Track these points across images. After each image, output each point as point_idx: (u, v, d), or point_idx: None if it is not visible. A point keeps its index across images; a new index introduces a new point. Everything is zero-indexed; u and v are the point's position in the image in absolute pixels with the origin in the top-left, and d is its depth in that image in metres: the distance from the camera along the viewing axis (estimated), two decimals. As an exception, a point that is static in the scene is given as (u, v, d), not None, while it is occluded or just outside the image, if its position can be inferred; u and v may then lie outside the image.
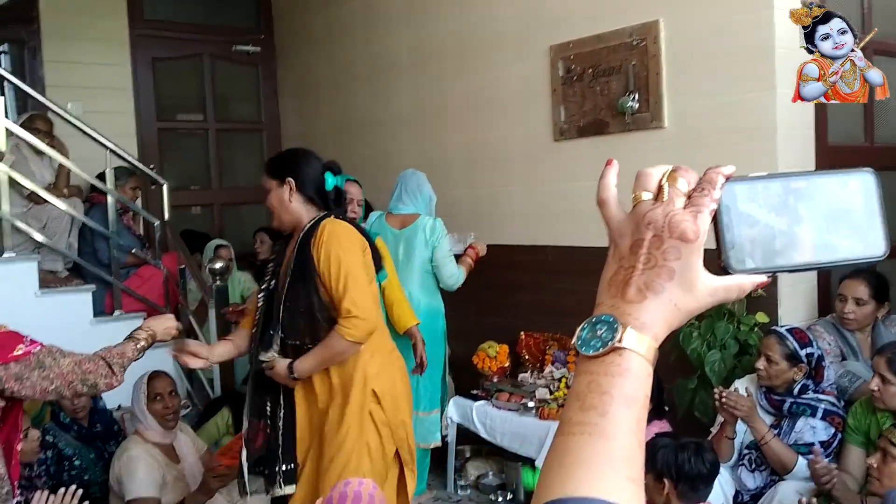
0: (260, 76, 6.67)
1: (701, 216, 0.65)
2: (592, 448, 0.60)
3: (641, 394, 0.63)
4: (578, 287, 4.19)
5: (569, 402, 0.64)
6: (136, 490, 2.97)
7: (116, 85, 5.89)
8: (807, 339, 3.05)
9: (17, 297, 4.23)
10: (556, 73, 4.22)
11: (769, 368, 3.04)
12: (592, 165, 4.11)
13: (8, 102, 4.89)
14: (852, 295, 3.34)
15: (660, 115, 3.76)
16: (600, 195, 0.72)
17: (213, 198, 6.55)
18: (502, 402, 4.00)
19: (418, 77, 5.15)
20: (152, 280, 4.89)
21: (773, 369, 3.03)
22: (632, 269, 0.66)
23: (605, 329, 0.64)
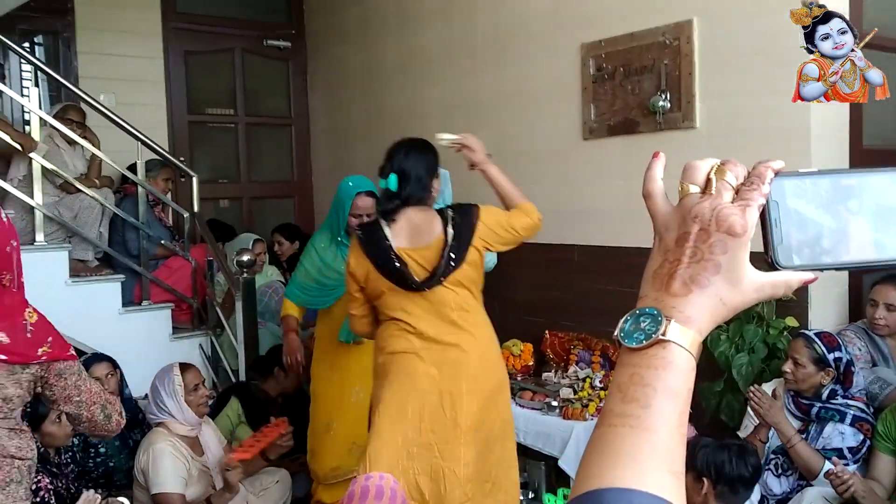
0: (290, 71, 6.71)
1: (749, 210, 0.65)
2: (634, 440, 0.60)
3: (685, 387, 0.62)
4: (605, 287, 4.17)
5: (610, 394, 0.64)
6: (161, 484, 2.99)
7: (149, 77, 5.95)
8: (835, 344, 3.01)
9: (47, 286, 4.28)
10: (587, 71, 4.19)
11: (796, 372, 3.01)
12: (622, 165, 4.08)
13: (42, 93, 4.96)
14: (884, 300, 3.29)
15: (691, 115, 3.73)
16: (646, 187, 0.72)
17: (242, 191, 6.59)
18: (526, 400, 3.99)
19: (449, 73, 5.15)
20: (181, 271, 4.93)
21: (800, 373, 3.00)
22: (677, 262, 0.65)
23: (649, 322, 0.64)
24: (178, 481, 3.04)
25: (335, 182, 4.01)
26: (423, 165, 2.82)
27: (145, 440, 3.16)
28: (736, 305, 0.65)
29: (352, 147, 6.21)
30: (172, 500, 2.99)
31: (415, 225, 2.78)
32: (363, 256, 2.77)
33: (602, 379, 3.97)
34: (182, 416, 3.17)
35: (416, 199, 2.79)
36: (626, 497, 0.56)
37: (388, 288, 2.76)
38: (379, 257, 2.74)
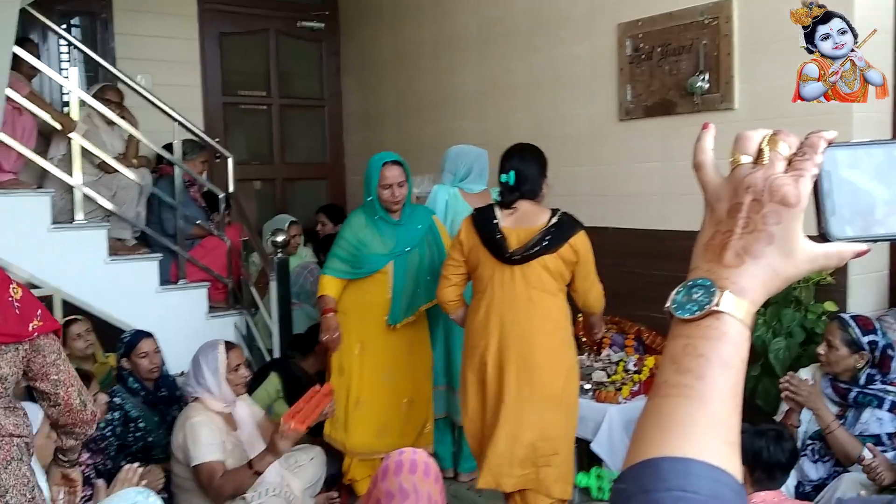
0: (324, 53, 6.72)
1: (802, 181, 0.64)
2: (688, 410, 0.59)
3: (739, 358, 0.62)
4: (639, 270, 4.14)
5: (663, 365, 0.64)
6: (201, 455, 3.02)
7: (184, 58, 6.00)
8: (871, 327, 2.97)
9: (87, 264, 4.36)
10: (624, 51, 4.15)
11: (829, 354, 3.00)
12: (658, 147, 4.04)
13: (79, 73, 5.02)
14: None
15: (730, 97, 3.68)
16: (697, 158, 0.71)
17: (275, 173, 6.63)
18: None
19: (484, 55, 5.12)
20: (216, 251, 4.98)
21: (833, 355, 2.98)
22: (729, 233, 0.65)
23: (702, 293, 0.63)
24: (218, 448, 3.05)
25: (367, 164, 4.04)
26: (535, 167, 3.23)
27: (181, 416, 3.20)
28: (789, 276, 0.64)
29: (384, 129, 6.22)
30: (213, 467, 3.01)
31: (524, 212, 3.15)
32: (473, 230, 3.19)
33: (636, 362, 3.95)
34: (219, 392, 3.20)
35: (530, 193, 3.18)
36: (683, 466, 0.56)
37: (486, 257, 3.14)
38: (486, 231, 3.14)
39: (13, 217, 4.14)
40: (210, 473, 2.99)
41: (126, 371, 3.55)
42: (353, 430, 3.71)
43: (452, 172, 4.11)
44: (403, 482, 1.89)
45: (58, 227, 4.32)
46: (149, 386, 3.59)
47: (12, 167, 4.28)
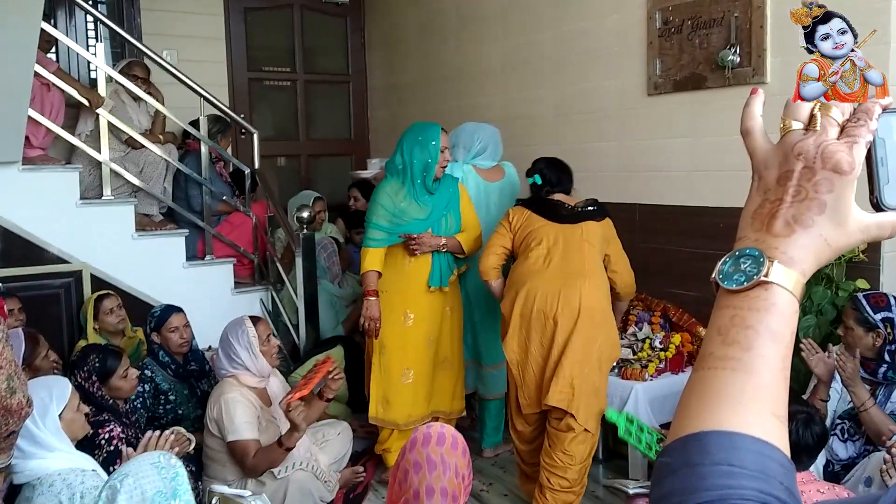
0: (348, 28, 6.69)
1: (857, 147, 0.62)
2: (736, 383, 0.58)
3: (788, 330, 0.60)
4: (666, 247, 4.11)
5: (709, 337, 0.62)
6: (237, 432, 3.07)
7: (209, 34, 6.00)
8: (883, 304, 2.94)
9: (115, 239, 4.40)
10: (653, 24, 4.08)
11: (847, 335, 2.99)
12: (688, 122, 3.98)
13: (106, 49, 5.03)
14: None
15: (762, 70, 3.61)
16: (745, 124, 0.69)
17: (300, 149, 6.64)
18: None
19: (509, 28, 5.07)
20: (242, 227, 5.00)
21: (851, 336, 2.98)
22: (779, 201, 0.63)
23: (750, 263, 0.61)
24: (252, 427, 3.11)
25: (392, 140, 4.01)
26: (560, 172, 3.58)
27: (216, 390, 3.23)
28: (841, 246, 0.62)
29: (408, 104, 6.19)
30: (248, 445, 3.07)
31: (562, 198, 3.51)
32: (523, 207, 3.51)
33: (662, 340, 3.92)
34: (255, 366, 3.24)
35: (560, 187, 3.54)
36: (729, 440, 0.55)
37: (538, 222, 3.41)
38: (538, 202, 3.49)
39: (42, 193, 4.17)
40: (244, 451, 3.06)
41: (156, 345, 3.59)
42: (401, 404, 3.72)
43: (467, 148, 4.09)
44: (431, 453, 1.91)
45: (86, 203, 4.35)
46: (178, 360, 3.63)
47: (41, 143, 4.31)
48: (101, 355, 3.02)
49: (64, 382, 2.46)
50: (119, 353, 3.11)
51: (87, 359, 2.99)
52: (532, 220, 3.44)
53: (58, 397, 2.36)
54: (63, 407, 2.35)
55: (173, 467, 1.92)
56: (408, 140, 3.70)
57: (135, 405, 3.33)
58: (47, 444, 2.27)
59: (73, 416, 2.39)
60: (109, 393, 3.00)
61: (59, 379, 2.55)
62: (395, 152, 3.75)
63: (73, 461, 2.30)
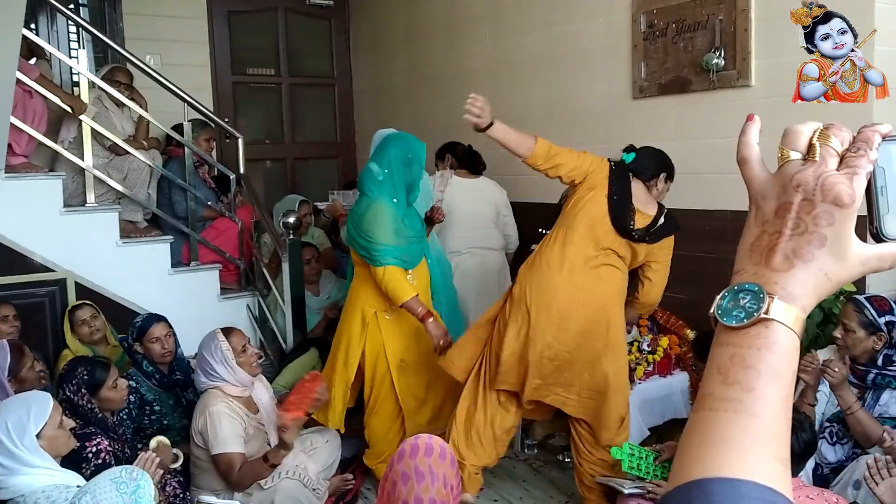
0: (333, 30, 6.67)
1: (857, 178, 0.60)
2: (738, 426, 0.56)
3: (789, 369, 0.59)
4: (654, 249, 4.11)
5: (709, 376, 0.60)
6: (221, 445, 3.05)
7: (193, 38, 5.97)
8: (887, 307, 2.95)
9: (99, 246, 4.36)
10: (638, 27, 4.09)
11: (846, 338, 2.97)
12: (673, 125, 3.99)
13: (88, 54, 4.99)
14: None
15: (747, 73, 3.62)
16: (742, 153, 0.67)
17: (286, 152, 6.61)
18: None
19: (496, 30, 5.06)
20: (228, 233, 4.97)
21: (851, 338, 2.96)
22: (777, 234, 0.61)
23: (750, 298, 0.60)
24: (238, 441, 3.10)
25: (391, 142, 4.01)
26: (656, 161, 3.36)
27: (200, 402, 3.21)
28: (841, 280, 0.61)
29: (395, 106, 6.17)
30: (233, 459, 3.05)
31: (638, 193, 3.26)
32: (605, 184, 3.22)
33: (650, 342, 3.92)
34: (235, 378, 3.22)
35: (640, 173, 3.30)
36: (732, 487, 0.54)
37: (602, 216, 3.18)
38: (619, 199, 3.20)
39: (25, 200, 4.13)
40: (229, 465, 3.05)
41: (140, 355, 3.55)
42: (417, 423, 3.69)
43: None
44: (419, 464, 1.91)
45: (69, 210, 4.31)
46: (163, 369, 3.59)
47: (23, 151, 4.26)
48: (89, 367, 2.99)
49: (45, 398, 2.41)
50: (107, 364, 3.07)
51: (75, 371, 2.96)
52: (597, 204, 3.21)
53: (36, 415, 2.31)
54: (42, 425, 2.30)
55: (135, 480, 1.91)
56: (394, 155, 3.55)
57: (121, 417, 3.30)
58: (27, 461, 2.23)
59: (56, 432, 2.34)
60: (100, 405, 2.97)
61: (39, 395, 2.49)
62: (376, 163, 3.58)
63: (58, 478, 2.26)
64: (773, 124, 0.66)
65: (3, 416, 2.29)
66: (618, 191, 3.21)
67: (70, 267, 4.23)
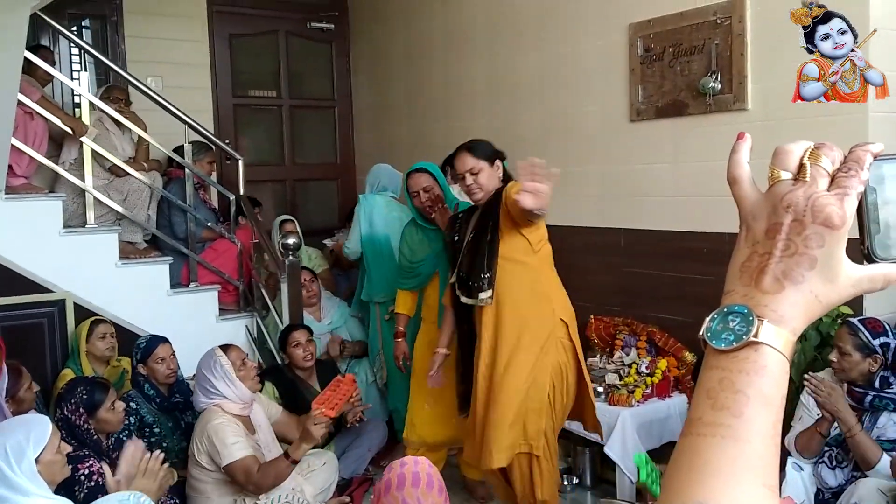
0: (333, 52, 6.71)
1: (848, 200, 0.60)
2: (726, 452, 0.56)
3: (779, 394, 0.58)
4: (651, 271, 4.12)
5: (697, 400, 0.60)
6: (231, 454, 3.04)
7: (194, 61, 6.00)
8: (881, 329, 2.94)
9: (98, 267, 4.36)
10: (635, 51, 4.12)
11: (842, 361, 2.96)
12: (670, 148, 4.02)
13: (90, 77, 5.02)
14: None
15: (743, 97, 3.65)
16: (732, 172, 0.66)
17: (286, 174, 6.62)
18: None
19: (494, 52, 5.10)
20: (227, 254, 4.97)
21: (846, 361, 2.95)
22: (767, 255, 0.61)
23: (739, 321, 0.59)
24: (246, 445, 3.08)
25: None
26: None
27: (200, 421, 3.20)
28: (832, 302, 0.61)
29: (395, 128, 6.20)
30: (248, 463, 3.03)
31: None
32: None
33: (648, 365, 3.92)
34: (235, 394, 3.21)
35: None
36: None
37: None
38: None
39: (25, 221, 4.14)
40: (246, 470, 3.02)
41: (142, 377, 3.55)
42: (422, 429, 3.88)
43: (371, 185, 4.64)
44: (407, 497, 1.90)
45: (69, 231, 4.32)
46: (164, 391, 3.59)
47: (24, 172, 4.29)
48: (89, 387, 2.99)
49: (44, 422, 2.38)
50: (107, 386, 3.07)
51: (74, 390, 2.96)
52: None
53: (36, 439, 2.27)
54: (42, 449, 2.27)
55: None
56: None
57: (120, 438, 3.29)
58: (23, 489, 2.19)
59: (53, 457, 2.31)
60: (97, 426, 2.96)
61: (39, 418, 2.45)
62: None
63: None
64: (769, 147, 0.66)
65: (2, 440, 2.25)
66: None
67: (69, 288, 4.23)
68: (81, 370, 3.84)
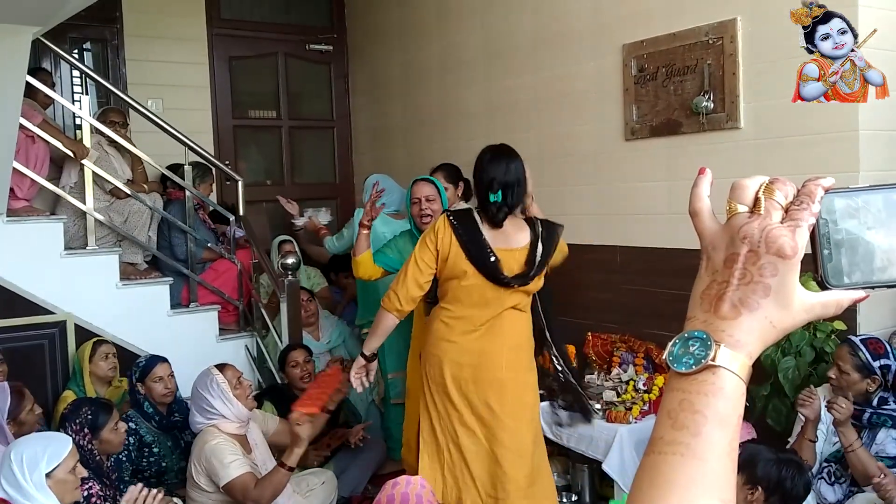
0: (332, 74, 6.77)
1: (799, 231, 0.63)
2: (684, 469, 0.59)
3: (735, 414, 0.62)
4: (648, 288, 4.15)
5: (660, 420, 0.64)
6: (229, 473, 3.05)
7: (195, 83, 6.06)
8: (882, 351, 2.95)
9: (99, 289, 4.40)
10: (629, 71, 4.17)
11: (841, 379, 2.97)
12: (665, 166, 4.06)
13: (91, 100, 5.07)
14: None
15: (736, 116, 3.69)
16: (693, 205, 0.70)
17: (285, 193, 6.65)
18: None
19: (490, 73, 5.15)
20: (227, 274, 5.01)
21: (845, 379, 2.96)
22: (725, 283, 0.65)
23: (699, 346, 0.63)
24: (243, 463, 3.09)
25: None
26: (518, 175, 3.09)
27: (197, 442, 3.22)
28: (786, 327, 0.64)
29: (393, 148, 6.25)
30: (245, 481, 3.04)
31: (507, 229, 3.06)
32: (454, 239, 3.00)
33: (645, 382, 3.94)
34: (232, 412, 3.23)
35: (516, 207, 3.08)
36: None
37: (472, 273, 2.99)
38: (476, 251, 2.97)
39: (27, 243, 4.18)
40: (244, 487, 3.03)
41: (141, 396, 3.58)
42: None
43: None
44: None
45: (70, 253, 4.36)
46: (162, 411, 3.61)
47: (25, 195, 4.33)
48: (93, 408, 3.03)
49: (65, 441, 2.47)
50: (110, 407, 3.11)
51: (79, 410, 2.99)
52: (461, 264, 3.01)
53: (51, 455, 2.36)
54: (55, 466, 2.35)
55: None
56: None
57: (119, 458, 3.31)
58: (30, 496, 2.27)
59: (66, 476, 2.38)
60: (99, 447, 2.99)
61: (62, 437, 2.55)
62: None
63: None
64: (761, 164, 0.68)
65: (21, 449, 2.36)
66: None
67: (70, 309, 4.26)
68: (83, 391, 3.87)
